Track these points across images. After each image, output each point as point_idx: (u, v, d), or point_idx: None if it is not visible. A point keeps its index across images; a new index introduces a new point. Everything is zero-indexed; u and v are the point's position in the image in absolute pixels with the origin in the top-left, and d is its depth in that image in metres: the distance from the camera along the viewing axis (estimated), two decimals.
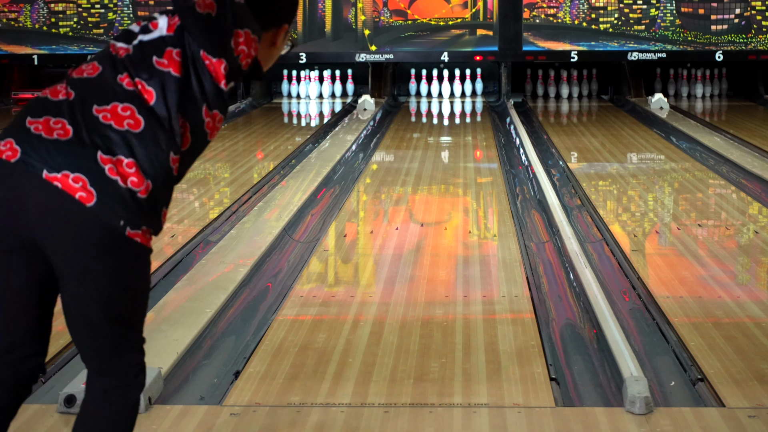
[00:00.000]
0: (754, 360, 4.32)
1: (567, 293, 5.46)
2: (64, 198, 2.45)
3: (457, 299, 5.27)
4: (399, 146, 10.84)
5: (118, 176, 2.48)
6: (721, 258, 6.02)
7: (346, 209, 7.67)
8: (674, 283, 5.49)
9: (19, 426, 3.64)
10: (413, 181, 8.72)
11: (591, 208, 7.41)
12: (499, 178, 8.88)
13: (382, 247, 6.42)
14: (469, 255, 6.20)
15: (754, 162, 9.06)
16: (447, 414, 3.76)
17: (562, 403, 3.95)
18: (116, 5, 14.41)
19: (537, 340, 4.59)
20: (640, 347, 4.58)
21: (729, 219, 7.26)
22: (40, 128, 2.50)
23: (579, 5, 14.28)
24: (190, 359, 4.32)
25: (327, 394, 3.95)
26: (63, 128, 2.50)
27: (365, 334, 4.66)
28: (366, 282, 5.68)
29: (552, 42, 14.32)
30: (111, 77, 2.59)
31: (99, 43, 14.43)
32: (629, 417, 3.70)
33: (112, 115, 2.51)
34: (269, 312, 5.08)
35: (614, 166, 9.48)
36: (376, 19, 14.37)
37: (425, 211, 7.63)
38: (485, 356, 4.39)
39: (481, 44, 14.43)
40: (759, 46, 14.22)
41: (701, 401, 3.98)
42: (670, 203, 7.89)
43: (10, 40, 14.53)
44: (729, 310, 5.02)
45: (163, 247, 6.33)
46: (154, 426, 3.63)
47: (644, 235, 6.70)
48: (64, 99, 2.55)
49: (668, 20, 14.26)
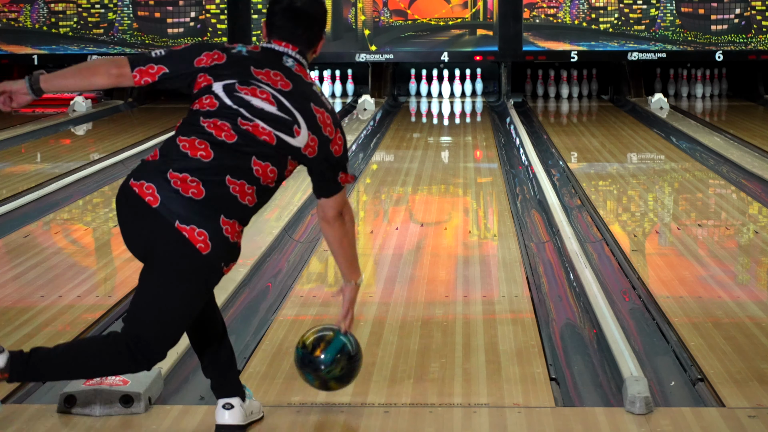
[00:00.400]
0: (754, 360, 4.32)
1: (567, 293, 5.47)
2: (188, 245, 3.14)
3: (457, 299, 5.27)
4: (399, 146, 10.85)
5: (230, 234, 3.19)
6: (721, 258, 6.02)
7: None
8: (674, 283, 5.49)
9: (19, 426, 3.64)
10: (413, 181, 8.72)
11: (591, 208, 7.41)
12: (499, 178, 8.88)
13: (382, 247, 6.42)
14: (469, 255, 6.20)
15: (754, 162, 9.06)
16: (447, 414, 3.76)
17: (562, 403, 3.95)
18: (116, 5, 14.41)
19: (537, 340, 4.59)
20: (640, 347, 4.58)
21: (729, 219, 7.26)
22: (179, 184, 3.15)
23: (579, 5, 14.28)
24: (190, 359, 4.32)
25: (327, 394, 3.94)
26: (197, 189, 3.15)
27: (365, 334, 4.66)
28: (366, 282, 5.68)
29: (552, 42, 14.32)
30: (245, 156, 3.21)
31: (99, 43, 14.43)
32: (629, 417, 3.70)
33: (239, 189, 3.19)
34: (269, 312, 5.08)
35: (614, 166, 9.48)
36: (376, 19, 14.38)
37: (425, 211, 7.63)
38: (485, 356, 4.39)
39: (481, 44, 14.43)
40: (759, 46, 14.22)
41: (701, 401, 3.98)
42: (670, 203, 7.89)
43: (10, 40, 14.53)
44: (729, 310, 5.02)
45: None
46: (154, 426, 3.63)
47: (644, 235, 6.70)
48: (205, 160, 3.17)
49: (668, 20, 14.26)
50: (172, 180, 3.16)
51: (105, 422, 3.65)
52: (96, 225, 7.06)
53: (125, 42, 14.42)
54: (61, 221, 7.20)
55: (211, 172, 3.17)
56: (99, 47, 14.43)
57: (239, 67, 3.28)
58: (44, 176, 8.74)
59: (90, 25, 14.45)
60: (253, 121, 3.23)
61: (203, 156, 3.18)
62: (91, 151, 10.46)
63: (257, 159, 3.21)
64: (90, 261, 6.12)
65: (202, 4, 14.35)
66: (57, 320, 4.89)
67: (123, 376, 3.78)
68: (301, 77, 3.33)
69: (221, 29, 14.33)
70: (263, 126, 3.23)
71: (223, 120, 3.21)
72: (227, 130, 3.20)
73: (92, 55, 14.39)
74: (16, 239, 6.56)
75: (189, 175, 3.16)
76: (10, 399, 3.94)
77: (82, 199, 8.02)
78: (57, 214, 7.44)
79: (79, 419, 3.67)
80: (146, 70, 3.33)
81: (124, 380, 3.76)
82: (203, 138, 3.20)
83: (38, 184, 8.28)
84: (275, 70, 3.30)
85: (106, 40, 14.44)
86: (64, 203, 7.80)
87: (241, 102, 3.24)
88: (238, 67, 3.28)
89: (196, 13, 14.37)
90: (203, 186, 3.16)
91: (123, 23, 14.42)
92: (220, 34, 14.32)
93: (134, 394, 3.70)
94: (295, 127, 3.26)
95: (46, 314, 4.96)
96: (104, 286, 5.59)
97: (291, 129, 3.25)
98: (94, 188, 8.42)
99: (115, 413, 3.69)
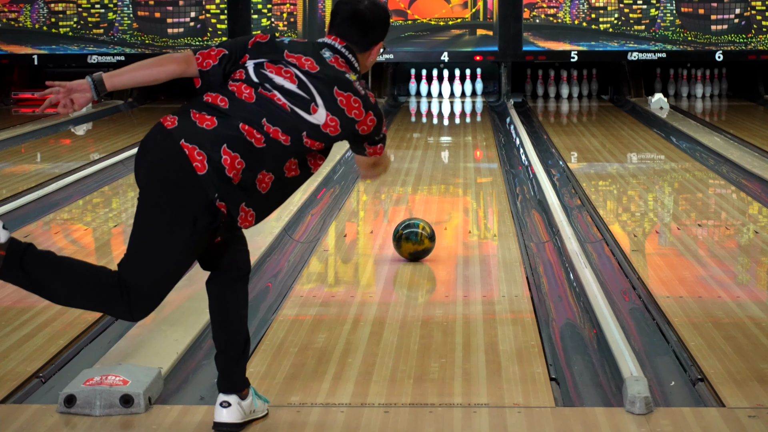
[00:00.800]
0: (754, 360, 4.32)
1: (567, 293, 5.47)
2: (186, 161, 3.30)
3: (457, 299, 5.27)
4: (399, 146, 10.85)
5: (227, 167, 3.30)
6: (721, 258, 6.02)
7: (346, 209, 7.67)
8: (674, 283, 5.49)
9: (19, 426, 3.64)
10: (413, 181, 8.72)
11: (591, 208, 7.41)
12: (499, 178, 8.88)
13: (382, 247, 6.42)
14: (469, 255, 6.20)
15: (754, 162, 9.06)
16: (447, 414, 3.76)
17: (562, 403, 3.95)
18: (116, 5, 14.41)
19: (537, 340, 4.59)
20: (640, 347, 4.58)
21: (729, 219, 7.26)
22: (197, 116, 3.37)
23: (579, 5, 14.28)
24: (190, 359, 4.32)
25: (327, 394, 3.95)
26: (211, 122, 3.36)
27: (365, 334, 4.66)
28: (366, 282, 5.69)
29: (552, 42, 14.32)
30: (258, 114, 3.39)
31: (99, 43, 14.43)
32: (629, 417, 3.70)
33: (248, 131, 3.35)
34: (269, 312, 5.08)
35: (614, 166, 9.48)
36: None
37: (425, 211, 7.63)
38: (485, 356, 4.39)
39: (481, 44, 14.43)
40: (759, 46, 14.22)
41: (701, 401, 3.98)
42: (670, 203, 7.89)
43: (10, 40, 14.53)
44: (729, 310, 5.02)
45: None
46: (154, 426, 3.63)
47: (644, 235, 6.70)
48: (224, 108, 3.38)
49: (668, 20, 14.27)
50: (192, 114, 3.38)
51: (105, 422, 3.65)
52: (96, 225, 7.06)
53: (125, 42, 14.43)
54: (61, 221, 7.20)
55: (227, 116, 3.36)
56: (99, 47, 14.43)
57: (275, 49, 3.48)
58: (44, 176, 8.75)
59: (90, 25, 14.45)
60: (271, 91, 3.40)
61: (223, 104, 3.39)
62: (91, 151, 10.47)
63: (268, 122, 3.37)
64: (90, 261, 6.11)
65: (202, 4, 14.36)
66: (57, 320, 4.89)
67: (123, 377, 3.78)
68: (334, 66, 3.47)
69: (221, 29, 14.33)
70: (279, 96, 3.40)
71: (246, 85, 3.41)
72: (248, 93, 3.40)
73: (92, 55, 14.40)
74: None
75: (206, 114, 3.37)
76: (10, 399, 3.94)
77: (82, 199, 8.02)
78: (57, 214, 7.44)
79: (79, 419, 3.67)
80: (208, 53, 3.48)
81: (124, 380, 3.76)
82: (225, 95, 3.41)
83: (38, 184, 8.28)
84: (308, 56, 3.47)
85: (106, 40, 14.44)
86: (64, 203, 7.80)
87: (264, 77, 3.42)
88: (274, 50, 3.47)
89: (196, 13, 14.37)
90: (217, 120, 3.36)
91: (123, 23, 14.42)
92: (220, 34, 14.32)
93: (134, 394, 3.70)
94: (312, 105, 3.40)
95: (46, 314, 4.96)
96: None
97: (308, 106, 3.40)
98: (94, 188, 8.42)
99: (115, 413, 3.69)
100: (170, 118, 3.39)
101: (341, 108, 3.42)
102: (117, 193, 8.36)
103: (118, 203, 7.97)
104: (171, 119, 3.38)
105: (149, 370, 3.90)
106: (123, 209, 7.71)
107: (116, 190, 8.48)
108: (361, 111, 3.44)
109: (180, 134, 3.33)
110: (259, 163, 3.36)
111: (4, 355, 4.40)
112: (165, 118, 3.40)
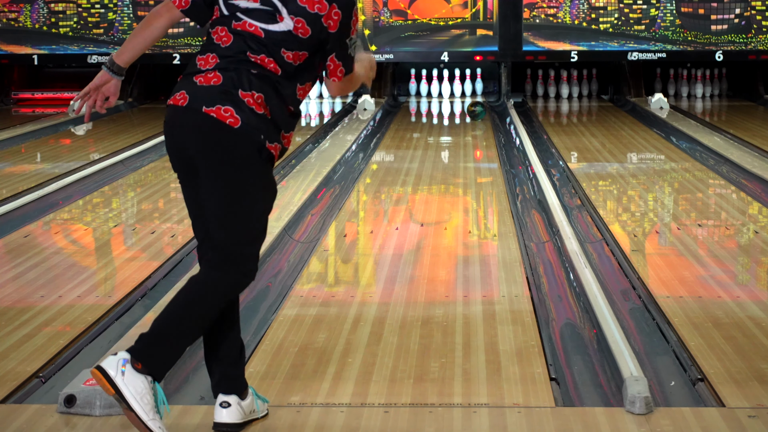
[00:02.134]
0: (754, 360, 4.32)
1: (567, 293, 5.47)
2: (219, 124, 3.36)
3: (457, 299, 5.27)
4: (399, 146, 10.85)
5: (254, 105, 3.38)
6: (721, 258, 6.02)
7: (346, 209, 7.67)
8: (674, 283, 5.49)
9: (19, 426, 3.64)
10: (413, 181, 8.72)
11: (591, 208, 7.41)
12: (499, 178, 8.88)
13: (382, 247, 6.42)
14: (469, 255, 6.20)
15: (754, 162, 9.06)
16: (447, 414, 3.76)
17: (562, 403, 3.95)
18: (116, 5, 14.41)
19: (537, 340, 4.59)
20: (640, 347, 4.58)
21: (729, 219, 7.26)
22: (201, 79, 3.41)
23: (579, 5, 14.27)
24: (190, 359, 4.32)
25: (327, 394, 3.95)
26: (216, 77, 3.40)
27: (365, 334, 4.66)
28: (366, 282, 5.69)
29: (552, 42, 14.32)
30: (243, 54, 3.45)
31: (99, 43, 14.43)
32: (629, 417, 3.70)
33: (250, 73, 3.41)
34: (269, 312, 5.08)
35: (614, 166, 9.48)
36: (376, 19, 14.38)
37: (425, 211, 7.63)
38: (485, 356, 4.39)
39: (481, 44, 14.43)
40: (759, 46, 14.22)
41: (701, 401, 3.98)
42: (670, 203, 7.89)
43: (10, 40, 14.53)
44: (729, 310, 5.02)
45: (163, 247, 6.33)
46: None
47: (644, 235, 6.70)
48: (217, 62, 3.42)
49: (668, 20, 14.26)
50: (197, 80, 3.42)
51: (105, 422, 3.65)
52: (96, 225, 7.06)
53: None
54: (61, 221, 7.20)
55: (226, 68, 3.41)
56: (99, 47, 14.43)
57: None
58: (44, 176, 8.75)
59: (90, 25, 14.45)
60: (241, 20, 3.44)
61: (213, 60, 3.44)
62: (91, 151, 10.47)
63: (252, 53, 3.42)
64: (90, 261, 6.12)
65: None
66: (57, 320, 4.89)
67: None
68: None
69: None
70: (251, 22, 3.43)
71: (221, 26, 3.46)
72: (225, 36, 3.44)
73: (92, 55, 14.40)
74: (16, 239, 6.56)
75: (209, 74, 3.42)
76: (10, 399, 3.94)
77: (82, 199, 8.02)
78: (57, 214, 7.44)
79: (79, 419, 3.67)
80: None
81: None
82: (213, 50, 3.45)
83: (38, 184, 8.28)
84: None
85: (106, 40, 14.44)
86: (64, 203, 7.80)
87: (232, 7, 3.46)
88: None
89: None
90: (220, 74, 3.40)
91: (123, 23, 14.42)
92: None
93: None
94: (278, 15, 3.43)
95: (46, 314, 4.96)
96: (104, 286, 5.60)
97: (274, 17, 3.43)
98: (94, 188, 8.42)
99: (115, 413, 3.69)
100: (179, 95, 3.43)
101: (302, 6, 3.44)
102: (117, 193, 8.36)
103: (118, 203, 7.97)
104: (181, 96, 3.42)
105: None
106: (123, 209, 7.71)
107: (116, 190, 8.48)
108: (324, 4, 3.45)
109: (198, 103, 3.38)
110: (275, 91, 3.42)
111: (4, 355, 4.40)
112: (175, 98, 3.43)
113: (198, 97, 3.39)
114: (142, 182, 8.75)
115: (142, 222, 7.09)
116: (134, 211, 7.60)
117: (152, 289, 5.47)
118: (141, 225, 6.99)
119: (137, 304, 5.23)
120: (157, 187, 8.43)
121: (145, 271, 5.75)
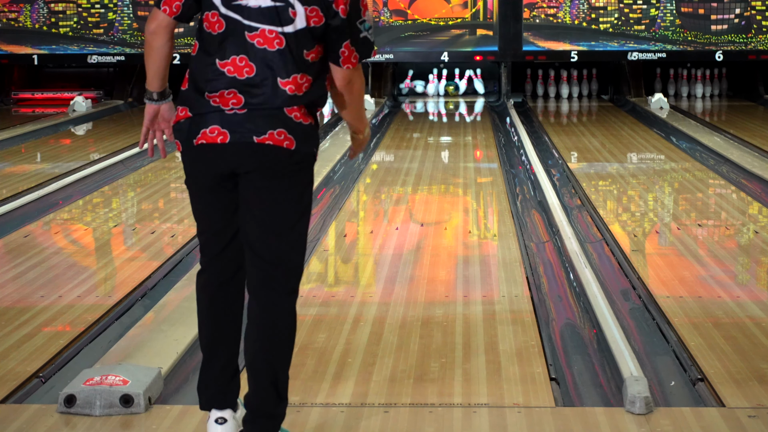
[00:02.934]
0: (754, 360, 4.32)
1: (567, 293, 5.47)
2: (275, 150, 3.23)
3: (457, 299, 5.27)
4: (399, 146, 10.85)
5: (301, 119, 3.28)
6: (721, 258, 6.03)
7: (346, 209, 7.67)
8: (674, 283, 5.49)
9: (19, 426, 3.64)
10: (413, 181, 8.72)
11: (591, 208, 7.41)
12: (499, 178, 8.88)
13: (382, 247, 6.42)
14: (469, 255, 6.20)
15: (754, 162, 9.06)
16: (447, 414, 3.76)
17: (562, 403, 3.95)
18: (116, 5, 14.41)
19: (537, 340, 4.59)
20: (640, 347, 4.58)
21: (729, 219, 7.26)
22: (215, 100, 3.23)
23: (579, 5, 14.28)
24: (190, 359, 4.32)
25: (327, 394, 3.95)
26: (237, 100, 3.23)
27: (365, 334, 4.66)
28: (366, 282, 5.69)
29: (552, 42, 14.32)
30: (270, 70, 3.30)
31: (99, 43, 14.43)
32: (629, 417, 3.70)
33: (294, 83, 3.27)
34: None
35: (614, 166, 9.48)
36: (376, 19, 14.38)
37: (425, 211, 7.63)
38: (485, 356, 4.39)
39: (481, 44, 14.43)
40: (759, 46, 14.22)
41: (701, 401, 3.98)
42: (670, 203, 7.89)
43: (10, 40, 14.53)
44: (729, 310, 5.02)
45: (163, 247, 6.33)
46: (154, 426, 3.63)
47: (644, 235, 6.70)
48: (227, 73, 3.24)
49: (668, 20, 14.26)
50: (212, 101, 3.25)
51: (105, 422, 3.65)
52: (96, 225, 7.06)
53: (125, 42, 14.42)
54: (61, 221, 7.20)
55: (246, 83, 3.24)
56: (99, 47, 14.43)
57: None
58: (44, 176, 8.75)
59: (90, 25, 14.45)
60: (256, 29, 3.23)
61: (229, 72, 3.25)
62: (91, 151, 10.47)
63: (282, 79, 3.25)
64: (90, 261, 6.12)
65: None
66: (57, 320, 4.89)
67: (123, 376, 3.78)
68: None
69: None
70: (270, 29, 3.24)
71: (232, 38, 3.24)
72: (245, 64, 3.24)
73: (92, 55, 14.39)
74: (16, 239, 6.56)
75: (225, 93, 3.24)
76: (10, 399, 3.94)
77: (82, 199, 8.02)
78: (57, 214, 7.44)
79: (79, 419, 3.67)
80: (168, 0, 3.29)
81: (124, 380, 3.76)
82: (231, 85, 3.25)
83: (38, 184, 8.28)
84: None
85: (106, 40, 14.44)
86: (64, 203, 7.80)
87: (237, 9, 3.24)
88: None
89: None
90: (241, 94, 3.24)
91: (123, 23, 14.42)
92: None
93: (134, 394, 3.71)
94: (291, 11, 3.24)
95: (46, 314, 4.96)
96: (104, 286, 5.60)
97: (288, 14, 3.24)
98: (94, 188, 8.42)
99: (115, 413, 3.69)
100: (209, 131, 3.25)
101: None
102: (117, 193, 8.36)
103: (118, 203, 7.97)
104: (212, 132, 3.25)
105: (149, 370, 3.90)
106: (123, 209, 7.72)
107: (116, 190, 8.49)
108: None
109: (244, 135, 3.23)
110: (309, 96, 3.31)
111: (4, 355, 4.40)
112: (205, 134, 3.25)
113: (241, 128, 3.24)
114: (142, 182, 8.75)
115: (142, 222, 7.09)
116: (134, 211, 7.60)
117: (152, 289, 5.47)
118: (141, 225, 6.99)
119: (137, 304, 5.22)
120: (157, 187, 8.43)
121: (145, 271, 5.75)
